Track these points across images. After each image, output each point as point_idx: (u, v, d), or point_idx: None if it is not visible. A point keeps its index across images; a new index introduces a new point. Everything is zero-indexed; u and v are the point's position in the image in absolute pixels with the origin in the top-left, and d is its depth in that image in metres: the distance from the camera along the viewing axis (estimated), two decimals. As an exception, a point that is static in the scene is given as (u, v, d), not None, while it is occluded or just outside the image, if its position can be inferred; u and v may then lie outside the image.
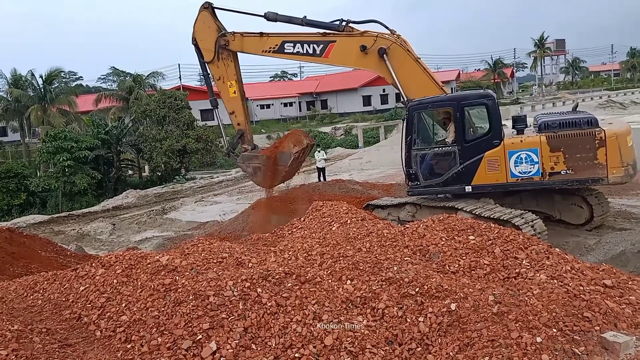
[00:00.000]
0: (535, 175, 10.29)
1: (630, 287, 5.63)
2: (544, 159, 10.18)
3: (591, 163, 9.94)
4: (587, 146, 9.93)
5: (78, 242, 16.50)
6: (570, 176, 10.10)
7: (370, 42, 11.65)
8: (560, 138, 10.10)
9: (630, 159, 10.06)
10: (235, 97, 13.45)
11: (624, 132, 10.08)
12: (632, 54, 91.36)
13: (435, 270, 6.36)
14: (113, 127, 33.70)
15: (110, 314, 5.78)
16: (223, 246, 7.54)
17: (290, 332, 5.28)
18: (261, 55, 12.79)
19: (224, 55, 13.08)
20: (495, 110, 10.52)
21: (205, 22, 13.01)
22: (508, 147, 10.41)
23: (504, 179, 10.48)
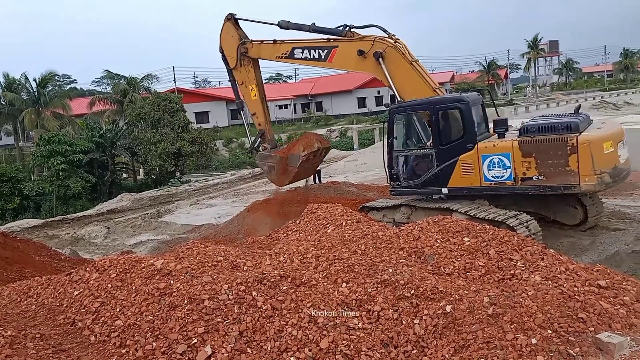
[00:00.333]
0: (507, 180, 10.22)
1: (625, 287, 5.65)
2: (516, 164, 10.05)
3: (563, 170, 9.61)
4: (559, 152, 9.61)
5: (72, 246, 16.44)
6: (542, 182, 9.87)
7: (368, 46, 12.07)
8: (532, 143, 9.91)
9: (606, 166, 9.55)
10: (256, 100, 14.44)
11: (599, 138, 9.62)
12: (625, 55, 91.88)
13: (430, 272, 6.36)
14: (107, 130, 33.59)
15: (105, 318, 5.75)
16: (218, 249, 7.52)
17: (286, 335, 5.28)
18: (275, 60, 13.96)
19: (245, 62, 14.11)
20: (468, 114, 10.66)
21: (228, 32, 14.19)
22: (481, 151, 10.48)
23: (478, 182, 10.56)
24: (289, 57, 13.41)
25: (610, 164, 9.65)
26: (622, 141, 10.26)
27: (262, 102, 14.47)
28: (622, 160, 10.08)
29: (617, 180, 9.95)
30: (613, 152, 9.74)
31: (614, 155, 9.76)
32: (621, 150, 10.11)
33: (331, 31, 12.72)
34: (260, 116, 14.64)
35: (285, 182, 14.82)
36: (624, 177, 10.36)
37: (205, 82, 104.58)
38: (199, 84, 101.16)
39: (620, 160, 9.95)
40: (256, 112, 14.65)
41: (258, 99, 14.40)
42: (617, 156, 9.85)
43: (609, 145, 9.65)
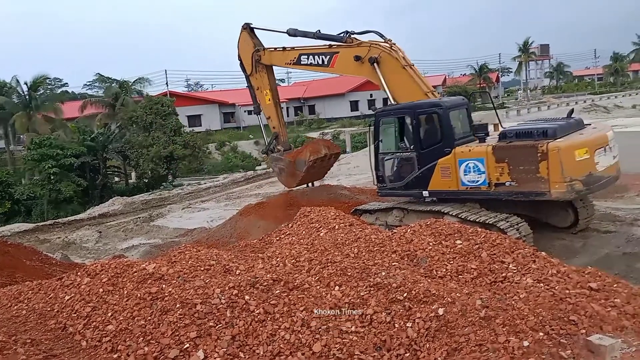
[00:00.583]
0: (482, 185, 10.28)
1: (616, 289, 5.68)
2: (489, 169, 10.09)
3: (534, 176, 9.56)
4: (530, 159, 9.57)
5: (64, 250, 16.32)
6: (514, 188, 9.88)
7: (365, 51, 12.48)
8: (505, 149, 9.94)
9: (578, 173, 9.39)
10: (270, 104, 15.19)
11: (570, 145, 9.46)
12: (615, 59, 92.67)
13: (423, 275, 6.38)
14: (99, 134, 33.47)
15: (96, 323, 5.71)
16: (210, 253, 7.50)
17: (279, 339, 5.27)
18: (285, 67, 14.87)
19: (259, 68, 14.89)
20: (446, 119, 10.81)
21: (244, 40, 14.99)
22: (458, 156, 10.57)
23: (456, 186, 10.68)
24: (297, 63, 14.07)
25: (583, 171, 9.45)
26: (604, 147, 9.97)
27: (275, 107, 15.22)
28: (602, 168, 9.80)
29: (593, 188, 9.74)
30: (587, 159, 9.49)
31: (588, 162, 9.51)
32: (601, 157, 9.81)
33: (333, 37, 13.21)
34: (274, 119, 15.36)
35: (293, 184, 15.38)
36: (605, 184, 10.09)
37: (198, 86, 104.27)
38: (192, 87, 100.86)
39: (597, 168, 9.68)
40: (271, 116, 15.38)
41: (272, 103, 15.11)
42: (592, 163, 9.61)
43: (583, 153, 9.46)
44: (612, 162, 10.17)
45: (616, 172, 10.45)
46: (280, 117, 15.47)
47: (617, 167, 10.45)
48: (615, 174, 10.38)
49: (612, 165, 10.22)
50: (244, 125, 61.33)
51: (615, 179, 10.57)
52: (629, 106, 54.71)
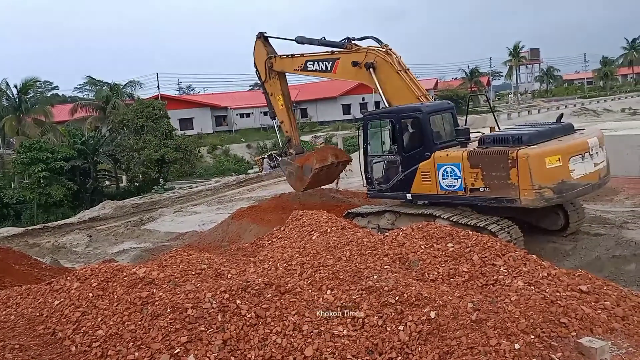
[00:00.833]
0: (459, 189, 10.38)
1: (606, 292, 5.72)
2: (465, 174, 10.18)
3: (505, 183, 9.58)
4: (502, 165, 9.59)
5: (53, 254, 16.17)
6: (487, 194, 9.93)
7: (362, 57, 12.86)
8: (479, 155, 10.01)
9: (549, 181, 9.29)
10: (283, 109, 15.69)
11: (540, 152, 9.35)
12: (605, 63, 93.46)
13: (414, 279, 6.38)
14: (90, 137, 33.29)
15: (86, 328, 5.66)
16: (202, 257, 7.46)
17: (270, 343, 5.25)
18: (294, 73, 15.28)
19: (272, 75, 15.44)
20: (425, 123, 11.00)
21: (259, 49, 15.53)
22: (437, 160, 10.70)
23: (435, 190, 10.82)
24: (304, 70, 14.55)
25: (554, 179, 9.33)
26: (583, 154, 9.76)
27: (288, 111, 15.72)
28: (578, 175, 9.62)
29: (566, 196, 9.59)
30: (560, 166, 9.36)
31: (561, 170, 9.38)
32: (577, 164, 9.63)
33: (335, 44, 13.61)
34: (287, 124, 15.81)
35: (301, 188, 15.64)
36: (582, 192, 9.94)
37: (190, 89, 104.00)
38: (183, 90, 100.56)
39: (572, 175, 9.52)
40: (284, 120, 15.81)
41: (284, 108, 15.64)
42: (566, 171, 9.45)
43: (554, 160, 9.33)
44: (592, 170, 9.94)
45: (599, 179, 10.18)
46: (292, 122, 15.92)
47: (600, 173, 10.19)
48: (596, 181, 10.12)
49: (593, 172, 9.98)
50: (236, 128, 61.32)
51: (598, 186, 10.34)
52: (618, 110, 55.28)
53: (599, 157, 10.18)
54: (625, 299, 5.61)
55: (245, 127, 61.92)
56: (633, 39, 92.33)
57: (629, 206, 13.62)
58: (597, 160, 10.13)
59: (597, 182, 10.17)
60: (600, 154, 10.28)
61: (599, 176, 10.21)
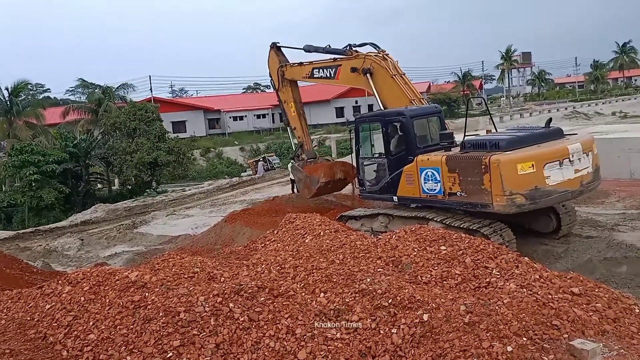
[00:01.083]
0: (438, 193, 10.44)
1: (597, 294, 5.75)
2: (444, 178, 10.24)
3: (479, 188, 9.59)
4: (476, 170, 9.61)
5: (45, 258, 16.07)
6: (464, 198, 9.95)
7: (360, 63, 13.15)
8: (456, 160, 10.07)
9: (521, 187, 9.17)
10: (295, 116, 16.14)
11: (511, 159, 9.24)
12: (596, 67, 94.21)
13: (407, 281, 6.39)
14: (82, 140, 33.09)
15: (77, 332, 5.63)
16: (194, 261, 7.44)
17: (263, 347, 5.24)
18: (303, 80, 15.70)
19: (285, 83, 15.82)
20: (408, 127, 11.14)
21: (272, 58, 15.97)
22: (419, 164, 10.78)
23: (418, 193, 10.91)
24: (311, 77, 14.95)
25: (527, 185, 9.21)
26: (561, 161, 9.56)
27: (300, 118, 16.13)
28: (554, 182, 9.45)
29: (539, 202, 9.41)
30: (533, 173, 9.22)
31: (534, 176, 9.23)
32: (554, 170, 9.46)
33: (338, 51, 13.93)
34: (299, 130, 16.20)
35: (308, 196, 15.81)
36: (559, 199, 9.76)
37: (183, 92, 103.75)
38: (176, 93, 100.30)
39: (547, 182, 9.36)
40: (296, 127, 16.26)
41: (296, 115, 16.08)
42: (540, 177, 9.29)
43: (527, 166, 9.21)
44: (572, 176, 9.74)
45: (580, 185, 9.95)
46: (304, 128, 16.31)
47: (582, 180, 9.96)
48: (577, 187, 9.91)
49: (574, 179, 9.78)
50: (229, 131, 61.18)
51: (580, 193, 10.17)
52: (608, 113, 55.74)
53: (581, 163, 9.92)
54: (617, 301, 5.64)
55: (238, 130, 61.80)
56: (624, 43, 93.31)
57: (620, 209, 13.71)
58: (580, 166, 9.88)
59: (577, 188, 9.93)
60: (584, 160, 10.02)
61: (581, 183, 9.96)
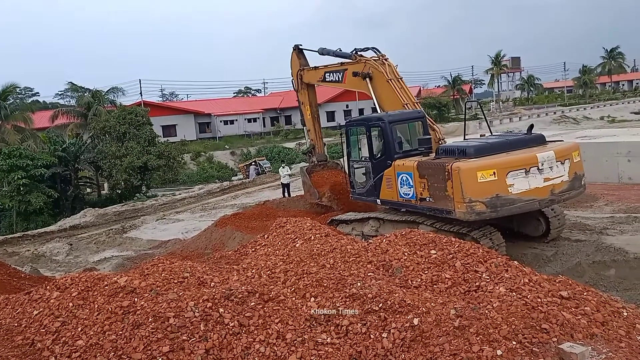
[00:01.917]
0: (412, 198, 10.63)
1: (586, 297, 5.79)
2: (416, 183, 10.42)
3: (443, 194, 9.70)
4: (440, 177, 9.73)
5: (33, 263, 15.91)
6: (432, 204, 10.09)
7: (361, 67, 13.48)
8: (425, 166, 10.24)
9: (481, 195, 9.19)
10: (310, 119, 16.58)
11: (472, 167, 9.28)
12: (584, 72, 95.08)
13: (398, 285, 6.40)
14: (71, 144, 32.87)
15: (66, 338, 5.57)
16: (184, 265, 7.39)
17: (254, 352, 5.21)
18: (317, 84, 16.06)
19: (303, 86, 16.32)
20: (387, 132, 11.34)
21: (293, 60, 16.34)
22: (396, 169, 11.00)
23: (396, 197, 11.09)
24: (324, 81, 15.27)
25: (487, 193, 9.20)
26: (528, 169, 9.47)
27: (314, 121, 16.57)
28: (519, 190, 9.39)
29: (501, 211, 9.36)
30: (494, 181, 9.21)
31: (496, 184, 9.22)
32: (519, 179, 9.40)
33: (345, 55, 14.26)
34: (312, 133, 16.69)
35: (309, 200, 16.39)
36: (524, 207, 9.61)
37: (173, 96, 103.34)
38: (166, 97, 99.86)
39: (510, 190, 9.32)
40: (310, 129, 16.73)
41: (311, 118, 16.53)
42: (502, 186, 9.26)
43: (488, 174, 9.21)
44: (541, 185, 9.63)
45: (550, 194, 9.80)
46: (317, 131, 16.69)
47: (553, 189, 9.81)
48: (547, 196, 9.77)
49: (542, 187, 9.66)
50: (219, 135, 60.98)
51: (551, 202, 10.04)
52: (597, 117, 56.28)
53: (552, 171, 9.78)
54: (605, 305, 5.68)
55: (229, 134, 61.65)
56: (611, 48, 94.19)
57: (608, 212, 13.83)
58: (551, 174, 9.76)
59: (547, 197, 9.79)
60: (557, 169, 9.87)
61: (551, 192, 9.82)
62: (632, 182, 16.97)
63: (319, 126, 16.81)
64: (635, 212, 13.44)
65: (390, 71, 13.01)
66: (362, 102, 60.59)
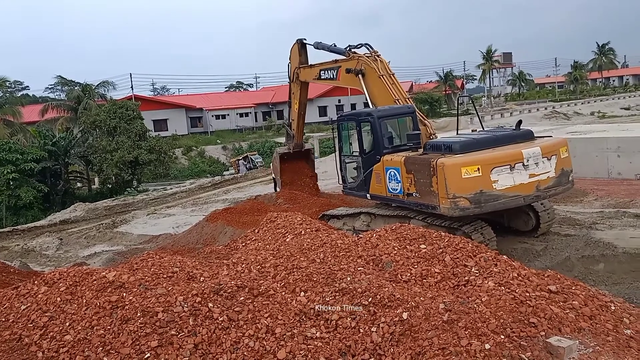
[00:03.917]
0: (399, 193, 10.66)
1: (574, 292, 5.82)
2: (403, 179, 10.46)
3: (429, 190, 9.72)
4: (426, 173, 9.74)
5: (22, 258, 15.80)
6: (418, 199, 10.12)
7: (354, 64, 13.44)
8: (412, 161, 10.25)
9: (465, 191, 9.21)
10: (295, 112, 16.95)
11: (456, 163, 9.31)
12: (575, 67, 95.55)
13: (387, 280, 6.40)
14: (61, 138, 32.61)
15: (54, 333, 5.53)
16: (174, 260, 7.37)
17: (243, 347, 5.20)
18: (313, 82, 15.98)
19: (297, 82, 16.43)
20: (376, 127, 11.40)
21: (294, 52, 16.33)
22: (385, 164, 11.03)
23: (385, 192, 11.14)
24: (319, 78, 15.27)
25: (471, 189, 9.22)
26: (512, 165, 9.45)
27: (298, 118, 16.91)
28: (503, 186, 9.38)
29: (485, 206, 9.36)
30: (479, 177, 9.23)
31: (480, 180, 9.24)
32: (503, 175, 9.39)
33: (340, 51, 14.19)
34: (294, 125, 17.07)
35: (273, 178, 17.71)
36: (509, 203, 9.59)
37: (164, 90, 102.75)
38: (158, 91, 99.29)
39: (495, 186, 9.31)
40: (294, 120, 17.08)
41: (297, 113, 16.85)
42: (487, 182, 9.27)
43: (473, 170, 9.22)
44: (526, 181, 9.62)
45: (536, 190, 9.76)
46: (300, 126, 17.15)
47: (538, 185, 9.77)
48: (532, 192, 9.74)
49: (527, 183, 9.64)
50: (211, 130, 60.77)
51: (536, 198, 9.98)
52: (587, 113, 56.61)
53: (538, 167, 9.76)
54: (593, 299, 5.72)
55: (220, 129, 61.44)
56: (602, 44, 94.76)
57: (598, 207, 13.93)
58: (537, 170, 9.74)
59: (532, 193, 9.76)
60: (544, 165, 9.84)
61: (537, 188, 9.78)
62: (622, 177, 17.12)
63: (303, 122, 17.29)
64: (624, 207, 13.55)
65: (382, 67, 13.00)
66: (354, 97, 60.53)
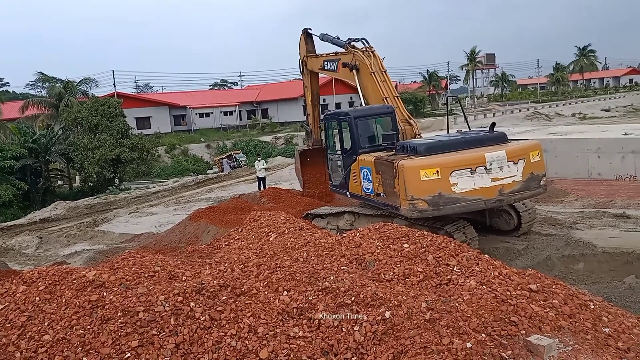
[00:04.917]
0: (371, 192, 10.85)
1: (554, 291, 5.89)
2: (374, 179, 10.65)
3: (392, 191, 9.88)
4: (390, 174, 9.89)
5: (1, 257, 15.53)
6: (385, 200, 10.29)
7: (350, 59, 13.55)
8: (380, 162, 10.45)
9: (423, 193, 9.29)
10: (309, 104, 16.87)
11: (415, 165, 9.42)
12: (557, 69, 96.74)
13: (370, 279, 6.42)
14: (41, 136, 32.12)
15: (32, 333, 5.43)
16: (155, 259, 7.28)
17: (225, 346, 5.17)
18: (319, 72, 15.96)
19: (306, 71, 16.40)
20: (352, 127, 11.59)
21: (301, 43, 16.32)
22: (360, 163, 11.24)
23: (361, 191, 11.33)
24: (322, 69, 15.36)
25: (429, 192, 9.28)
26: (474, 168, 9.48)
27: (313, 107, 16.78)
28: (463, 189, 9.43)
29: (443, 209, 9.40)
30: (437, 180, 9.28)
31: (438, 183, 9.29)
32: (463, 178, 9.42)
33: (340, 43, 14.25)
34: (311, 118, 16.87)
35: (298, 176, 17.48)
36: (469, 206, 9.63)
37: (147, 87, 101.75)
38: (141, 88, 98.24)
39: (454, 189, 9.37)
40: (309, 113, 16.96)
41: (311, 104, 16.79)
42: (446, 185, 9.32)
43: (431, 173, 9.29)
44: (488, 184, 9.61)
45: (498, 194, 9.73)
46: (316, 117, 16.82)
47: (502, 189, 9.74)
48: (494, 196, 9.71)
49: (489, 187, 9.63)
50: (195, 128, 60.31)
51: (499, 202, 9.93)
52: (569, 114, 57.40)
53: (502, 171, 9.72)
54: (573, 298, 5.79)
55: (204, 127, 60.99)
56: (584, 46, 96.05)
57: (578, 207, 14.13)
58: (500, 174, 9.72)
59: (494, 197, 9.72)
60: (509, 169, 9.80)
61: (500, 192, 9.74)
62: (602, 177, 17.39)
63: (318, 113, 17.01)
64: (604, 207, 13.77)
65: (375, 63, 12.99)
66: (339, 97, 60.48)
